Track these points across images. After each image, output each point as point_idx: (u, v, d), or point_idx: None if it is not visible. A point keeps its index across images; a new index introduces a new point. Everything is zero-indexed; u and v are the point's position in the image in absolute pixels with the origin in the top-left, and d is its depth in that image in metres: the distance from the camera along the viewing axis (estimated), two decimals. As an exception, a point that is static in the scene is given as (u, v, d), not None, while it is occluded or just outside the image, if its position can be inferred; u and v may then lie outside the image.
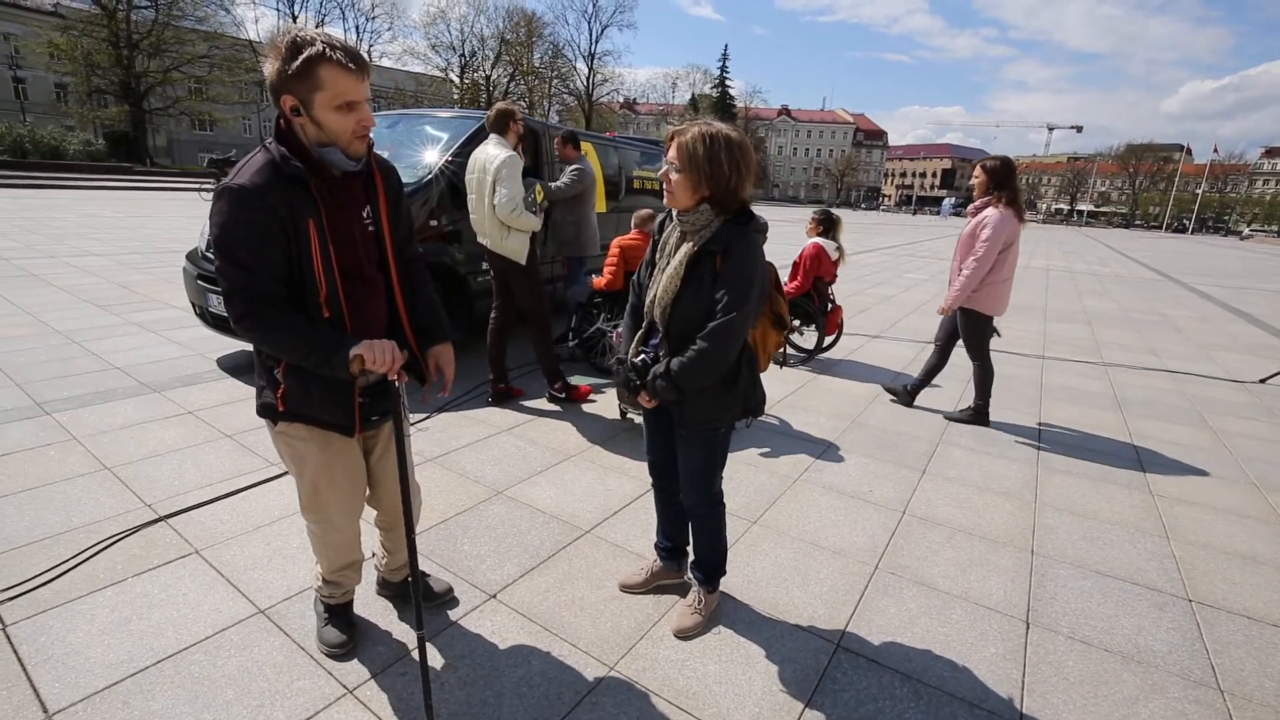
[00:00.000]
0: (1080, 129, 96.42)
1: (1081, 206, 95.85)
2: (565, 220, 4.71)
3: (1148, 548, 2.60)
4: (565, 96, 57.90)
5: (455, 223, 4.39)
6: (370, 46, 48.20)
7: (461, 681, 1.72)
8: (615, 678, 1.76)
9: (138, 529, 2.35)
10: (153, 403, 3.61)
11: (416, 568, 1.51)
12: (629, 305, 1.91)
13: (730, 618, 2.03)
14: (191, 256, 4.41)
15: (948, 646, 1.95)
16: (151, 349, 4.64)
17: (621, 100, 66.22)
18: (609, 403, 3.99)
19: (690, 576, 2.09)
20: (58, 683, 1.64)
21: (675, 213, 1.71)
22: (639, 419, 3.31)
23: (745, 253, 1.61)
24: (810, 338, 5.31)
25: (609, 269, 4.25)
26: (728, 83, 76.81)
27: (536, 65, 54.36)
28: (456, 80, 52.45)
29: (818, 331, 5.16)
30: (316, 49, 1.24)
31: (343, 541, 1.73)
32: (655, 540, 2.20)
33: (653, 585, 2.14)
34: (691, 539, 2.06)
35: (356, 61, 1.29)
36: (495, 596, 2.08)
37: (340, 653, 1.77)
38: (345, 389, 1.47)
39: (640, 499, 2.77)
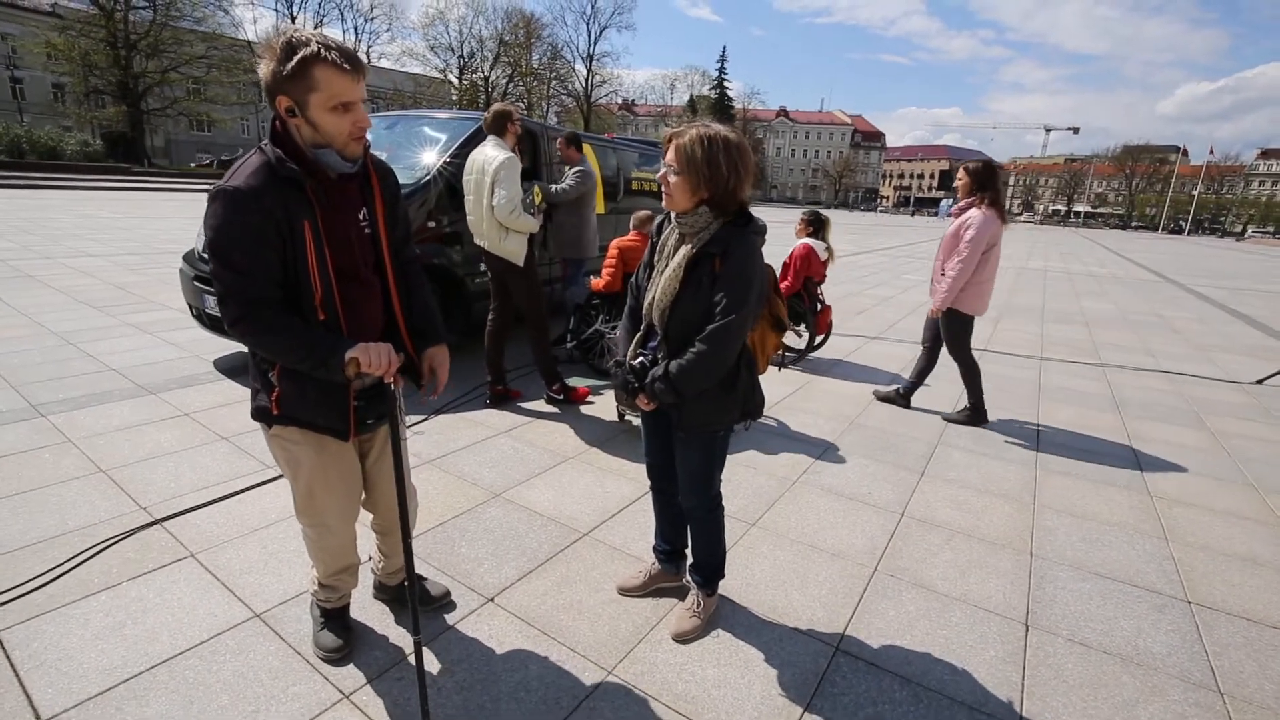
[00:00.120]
0: (1077, 130, 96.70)
1: (1078, 208, 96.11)
2: (567, 222, 4.70)
3: (1146, 549, 2.60)
4: (564, 98, 57.91)
5: (454, 224, 4.38)
6: (369, 47, 48.26)
7: (458, 686, 1.71)
8: (613, 682, 1.75)
9: (133, 532, 2.33)
10: (149, 405, 3.59)
11: (413, 572, 1.50)
12: (627, 307, 1.90)
13: (729, 621, 2.02)
14: (188, 258, 4.39)
15: (947, 649, 1.94)
16: (148, 350, 4.62)
17: (620, 102, 66.24)
18: (607, 404, 3.98)
19: (689, 579, 2.08)
20: (50, 688, 1.63)
21: (674, 215, 1.70)
22: (637, 421, 3.30)
23: (744, 255, 1.60)
24: (801, 338, 5.31)
25: (607, 270, 4.25)
26: (726, 84, 77.00)
27: (535, 66, 54.37)
28: (455, 81, 52.44)
29: (808, 332, 5.17)
30: (311, 49, 1.23)
31: (338, 545, 1.72)
32: (654, 543, 2.19)
33: (651, 588, 2.14)
34: (690, 542, 2.05)
35: (352, 62, 1.28)
36: (493, 600, 2.07)
37: (336, 657, 1.76)
38: (340, 392, 1.46)
39: (638, 501, 2.77)
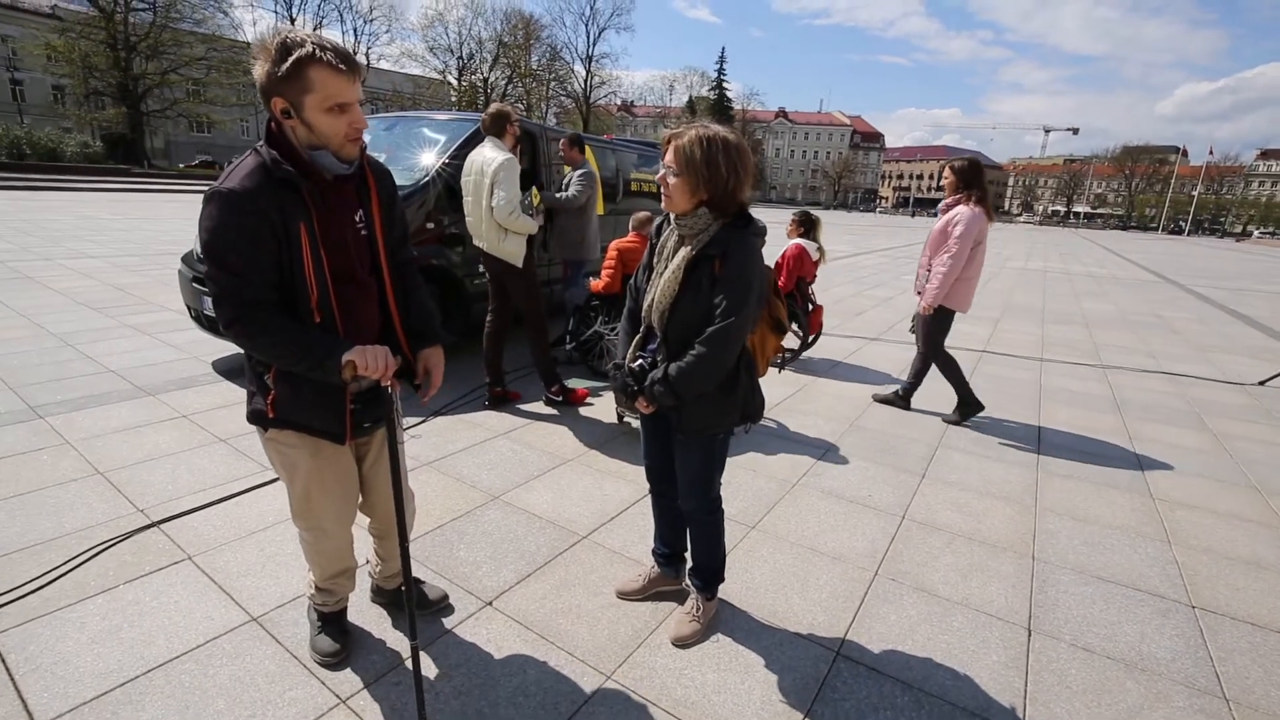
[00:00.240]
0: (1076, 131, 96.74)
1: (1078, 208, 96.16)
2: (568, 224, 4.67)
3: (1149, 553, 2.58)
4: (563, 99, 57.96)
5: (453, 225, 4.37)
6: (368, 49, 48.26)
7: (456, 691, 1.70)
8: (612, 687, 1.74)
9: (130, 535, 2.32)
10: (147, 406, 3.58)
11: (410, 576, 1.49)
12: (626, 310, 1.89)
13: (729, 625, 2.01)
14: (187, 259, 4.39)
15: (949, 654, 1.93)
16: (146, 352, 4.61)
17: (619, 103, 66.29)
18: (606, 406, 3.97)
19: (688, 583, 2.07)
20: (46, 692, 1.62)
21: (673, 216, 1.69)
22: (636, 423, 3.29)
23: (744, 256, 1.59)
24: (795, 339, 5.30)
25: (606, 272, 4.24)
26: (725, 85, 76.99)
27: (534, 68, 54.44)
28: (454, 83, 52.48)
29: (801, 332, 5.16)
30: (306, 50, 1.22)
31: (335, 549, 1.71)
32: (653, 546, 2.18)
33: (650, 592, 2.12)
34: (690, 545, 2.04)
35: (347, 62, 1.27)
36: (491, 604, 2.06)
37: (333, 662, 1.75)
38: (337, 395, 1.45)
39: (638, 504, 2.75)
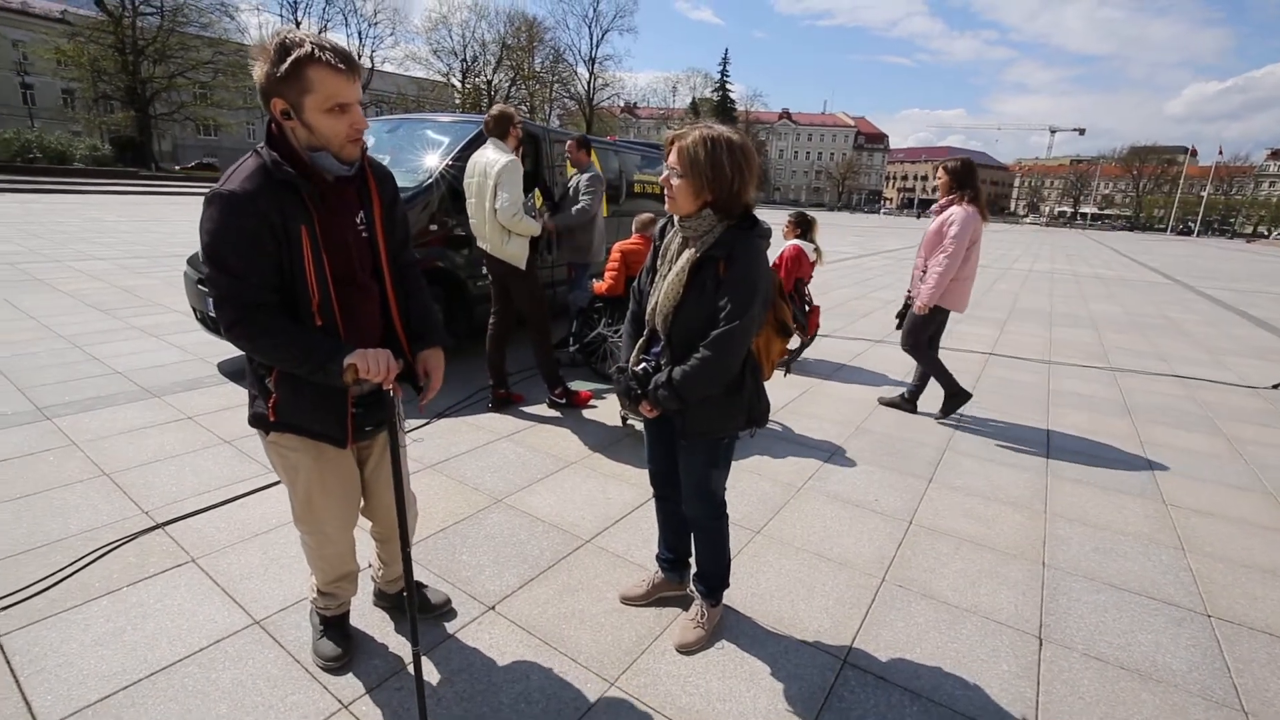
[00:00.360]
0: (1083, 131, 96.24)
1: (1085, 209, 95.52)
2: (576, 228, 4.64)
3: (1163, 560, 2.54)
4: (566, 101, 57.99)
5: (457, 227, 4.37)
6: (373, 52, 48.43)
7: (458, 696, 1.68)
8: (616, 694, 1.72)
9: (134, 537, 2.32)
10: (152, 408, 3.59)
11: (412, 582, 1.48)
12: (629, 313, 1.87)
13: (733, 632, 1.99)
14: (192, 261, 4.40)
15: (958, 663, 1.90)
16: (152, 353, 4.63)
17: (622, 105, 66.29)
18: (610, 408, 3.95)
19: (692, 589, 2.05)
20: (49, 695, 1.61)
21: (677, 218, 1.67)
22: (640, 425, 3.26)
23: (749, 258, 1.57)
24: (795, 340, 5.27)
25: (610, 274, 4.22)
26: (728, 86, 76.83)
27: (537, 70, 54.48)
28: (458, 85, 52.62)
29: (800, 333, 5.13)
30: (305, 50, 1.21)
31: (337, 553, 1.69)
32: (657, 551, 2.16)
33: (654, 597, 2.10)
34: (694, 550, 2.02)
35: (347, 62, 1.26)
36: (494, 608, 2.04)
37: (336, 666, 1.74)
38: (338, 398, 1.44)
39: (641, 507, 2.73)
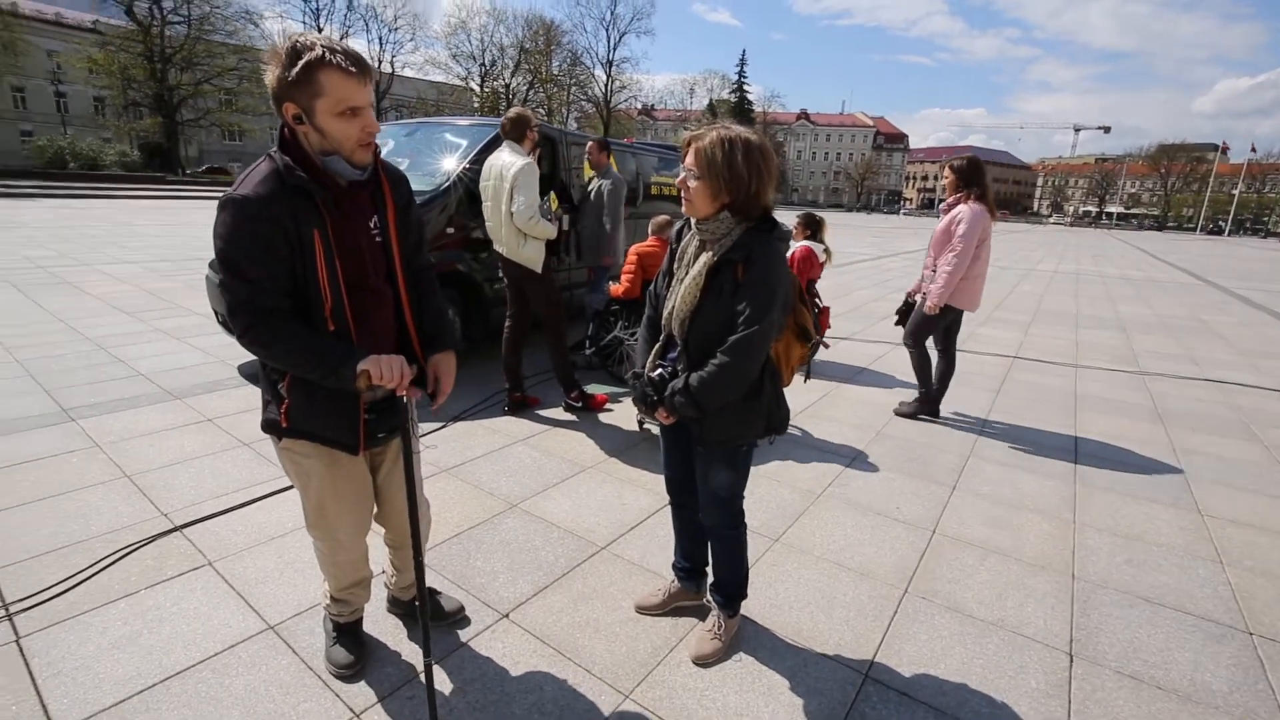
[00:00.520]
0: (1108, 129, 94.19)
1: (1111, 209, 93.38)
2: (597, 230, 4.62)
3: (1200, 573, 2.44)
4: (584, 103, 58.25)
5: (477, 230, 4.37)
6: (393, 57, 49.10)
7: (471, 707, 1.66)
8: (631, 707, 1.68)
9: (153, 539, 2.34)
10: (174, 410, 3.64)
11: (424, 590, 1.46)
12: (645, 317, 1.84)
13: (751, 644, 1.94)
14: (214, 264, 4.47)
15: (985, 679, 1.83)
16: (175, 355, 4.71)
17: (639, 107, 66.38)
18: (626, 412, 3.92)
19: (709, 599, 2.00)
20: (66, 698, 1.62)
21: (694, 221, 1.63)
22: (657, 429, 3.23)
23: (768, 262, 1.53)
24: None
25: (626, 277, 4.20)
26: (746, 88, 76.46)
27: (555, 73, 54.79)
28: (477, 89, 53.15)
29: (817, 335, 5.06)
30: (316, 53, 1.20)
31: (349, 560, 1.68)
32: (673, 560, 2.12)
33: (670, 607, 2.06)
34: (711, 560, 1.98)
35: (358, 65, 1.24)
36: (508, 616, 2.02)
37: (348, 674, 1.72)
38: (351, 405, 1.42)
39: (658, 513, 2.69)
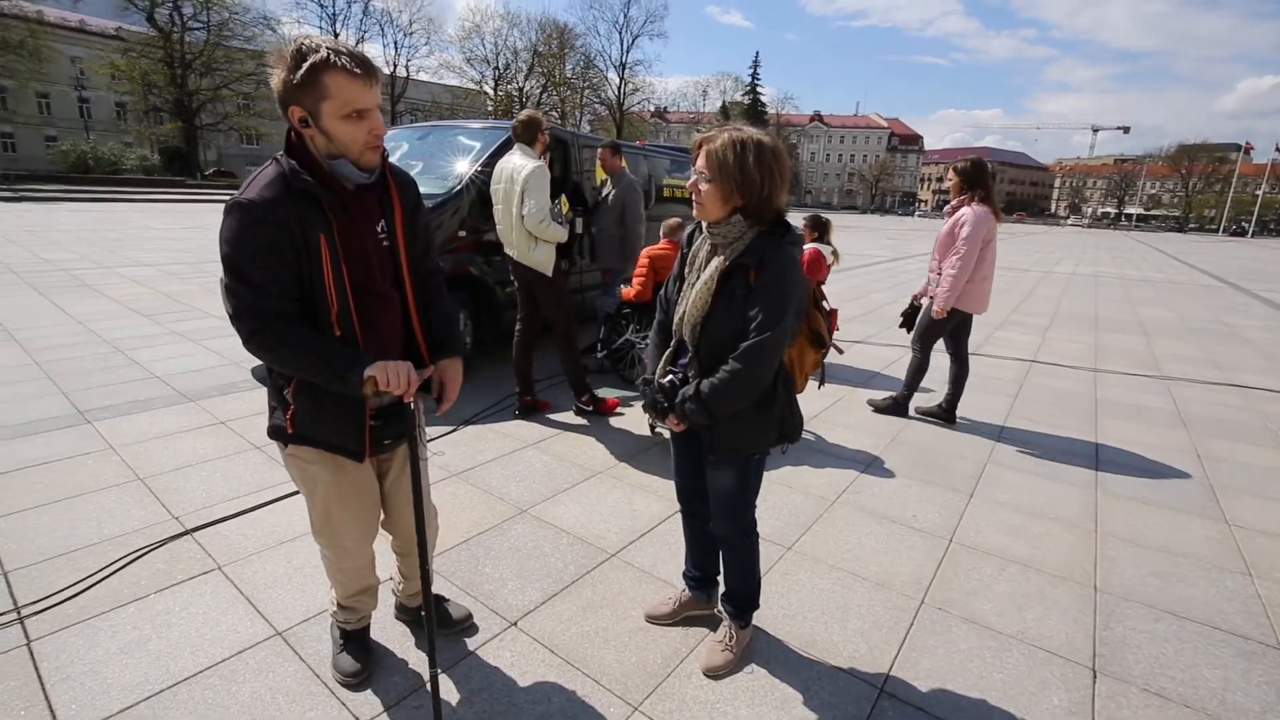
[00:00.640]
0: (1128, 130, 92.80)
1: (1130, 210, 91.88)
2: (613, 232, 4.58)
3: (1229, 587, 2.36)
4: (597, 106, 58.43)
5: (487, 233, 4.37)
6: (408, 61, 49.67)
7: (477, 717, 1.63)
8: (640, 720, 1.65)
9: (163, 543, 2.35)
10: (187, 412, 3.66)
11: (429, 601, 1.44)
12: (656, 322, 1.81)
13: (763, 655, 1.90)
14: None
15: (1004, 695, 1.77)
16: (190, 358, 4.75)
17: (652, 109, 66.43)
18: (637, 416, 3.89)
19: (721, 609, 1.97)
20: (74, 704, 1.62)
21: (705, 225, 1.60)
22: (669, 434, 3.19)
23: (781, 266, 1.49)
24: None
25: (637, 280, 4.17)
26: (759, 89, 76.24)
27: (568, 76, 55.04)
28: (491, 92, 53.54)
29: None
30: (321, 55, 1.18)
31: (356, 567, 1.67)
32: (684, 569, 2.08)
33: (681, 616, 2.02)
34: (722, 569, 1.94)
35: (364, 67, 1.23)
36: (516, 624, 1.99)
37: (354, 682, 1.71)
38: (357, 411, 1.41)
39: (668, 521, 2.66)
